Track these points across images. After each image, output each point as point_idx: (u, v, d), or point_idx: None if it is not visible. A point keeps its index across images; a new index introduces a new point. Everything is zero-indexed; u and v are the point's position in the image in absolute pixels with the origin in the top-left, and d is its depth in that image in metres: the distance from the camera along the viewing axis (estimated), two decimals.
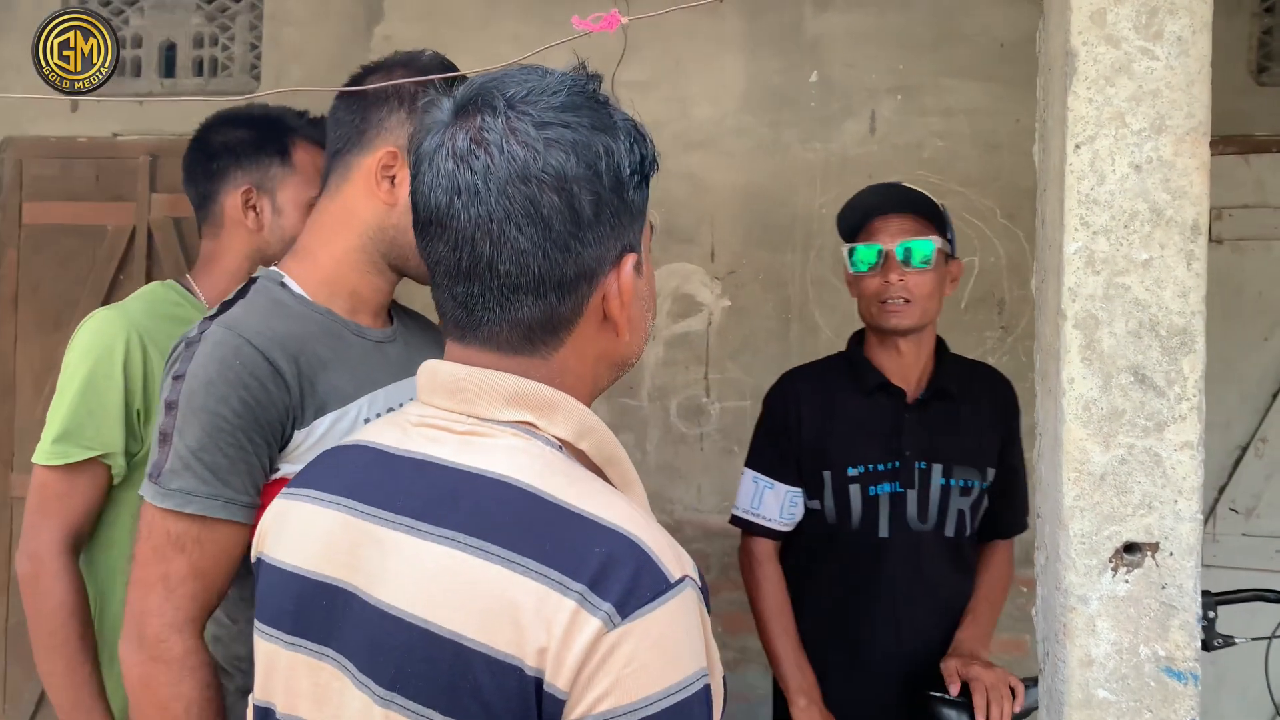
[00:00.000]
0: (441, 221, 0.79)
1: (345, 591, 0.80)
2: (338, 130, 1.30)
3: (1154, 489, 1.16)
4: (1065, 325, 1.17)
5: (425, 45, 3.18)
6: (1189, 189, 1.15)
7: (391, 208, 1.27)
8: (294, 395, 1.19)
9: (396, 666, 0.74)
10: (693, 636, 0.72)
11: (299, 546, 0.85)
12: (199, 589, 1.15)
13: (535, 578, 0.70)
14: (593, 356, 0.84)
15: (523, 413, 0.79)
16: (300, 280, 1.28)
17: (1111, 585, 1.17)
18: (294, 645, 0.83)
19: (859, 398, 1.90)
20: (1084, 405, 1.17)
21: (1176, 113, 1.15)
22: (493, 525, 0.73)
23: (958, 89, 2.93)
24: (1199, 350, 1.16)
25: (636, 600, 0.69)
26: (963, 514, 1.88)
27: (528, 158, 0.76)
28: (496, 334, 0.81)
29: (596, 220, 0.79)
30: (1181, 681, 1.16)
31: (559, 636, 0.68)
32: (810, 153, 3.00)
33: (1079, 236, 1.17)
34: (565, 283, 0.79)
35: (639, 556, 0.71)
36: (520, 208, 0.76)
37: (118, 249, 3.34)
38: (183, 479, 1.13)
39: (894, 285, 1.82)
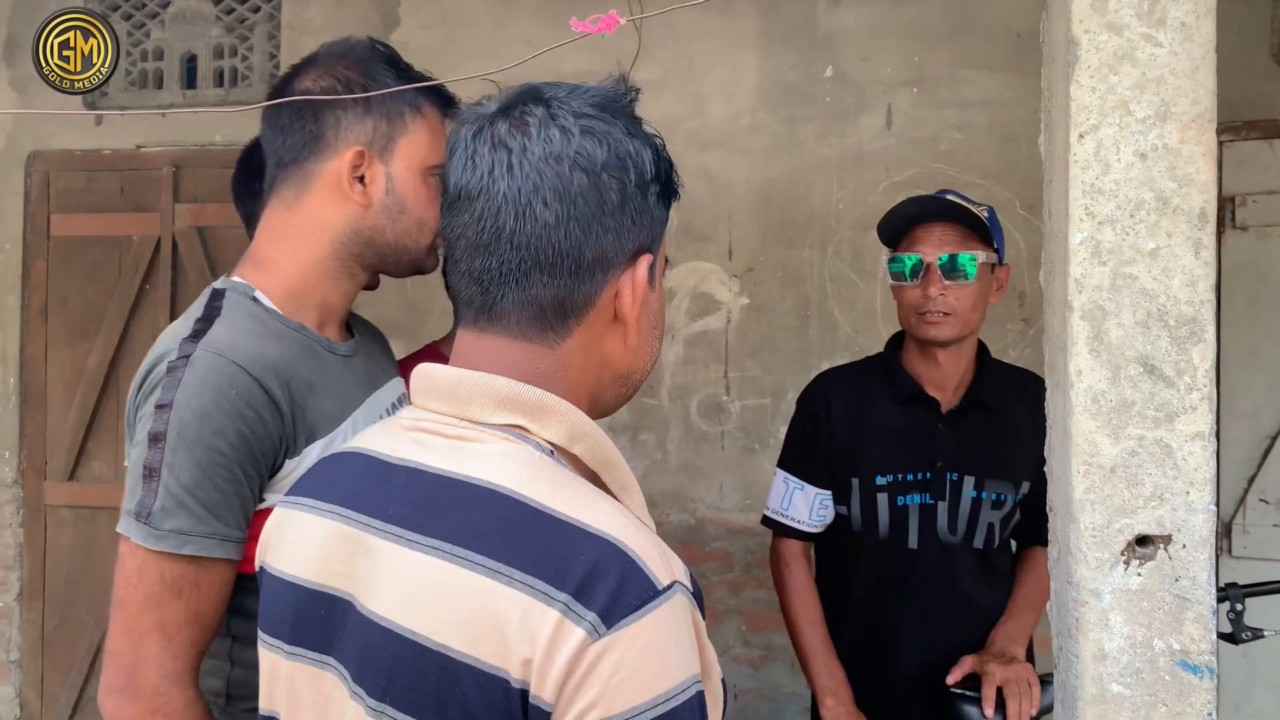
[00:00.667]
0: (470, 196, 0.81)
1: (343, 601, 0.80)
2: (286, 138, 1.22)
3: (1165, 480, 1.15)
4: (1072, 317, 1.16)
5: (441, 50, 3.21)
6: (1195, 176, 1.14)
7: (367, 209, 1.22)
8: (287, 424, 1.13)
9: (387, 678, 0.74)
10: (683, 643, 0.71)
11: (297, 555, 0.85)
12: (197, 634, 1.09)
13: (520, 588, 0.69)
14: (598, 357, 0.84)
15: (514, 416, 0.79)
16: (268, 292, 1.20)
17: (1124, 579, 1.15)
18: (295, 655, 0.83)
19: (893, 406, 1.87)
20: (1092, 397, 1.16)
21: (1181, 99, 1.14)
22: (478, 534, 0.73)
23: (974, 80, 2.91)
24: (1209, 339, 1.14)
25: (623, 609, 0.68)
26: (993, 526, 1.86)
27: (563, 140, 0.79)
28: (509, 314, 0.81)
29: (620, 209, 0.81)
30: (1197, 675, 1.14)
31: (543, 647, 0.68)
32: (826, 148, 2.99)
33: (1084, 227, 1.16)
34: (581, 265, 0.80)
35: (625, 564, 0.70)
36: (550, 184, 0.79)
37: (143, 259, 3.40)
38: (177, 518, 1.06)
39: (934, 298, 1.78)
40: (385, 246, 1.24)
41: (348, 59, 1.23)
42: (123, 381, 3.45)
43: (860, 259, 2.96)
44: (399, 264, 1.28)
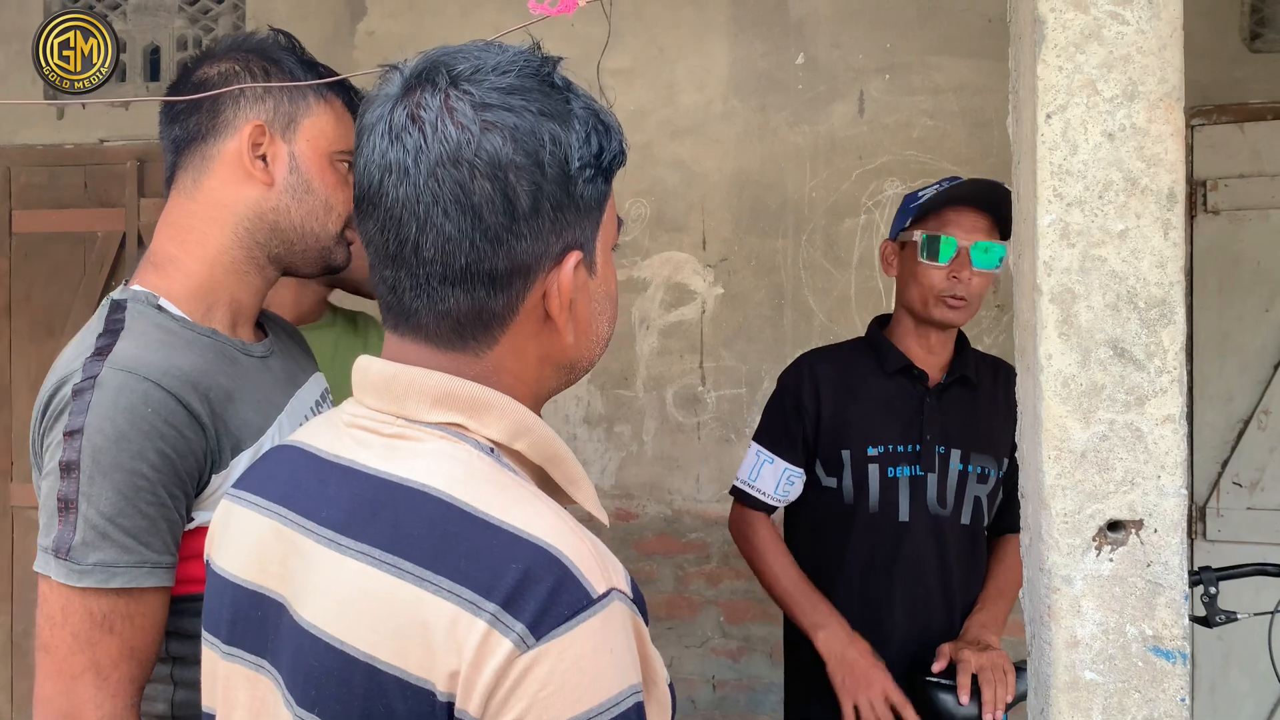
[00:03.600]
0: (373, 200, 0.75)
1: (276, 603, 0.77)
2: (182, 123, 1.17)
3: (1136, 465, 1.13)
4: (1041, 300, 1.15)
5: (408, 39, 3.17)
6: (1164, 156, 1.12)
7: (270, 188, 1.16)
8: (210, 437, 1.07)
9: (316, 688, 0.71)
10: (619, 653, 0.67)
11: (237, 553, 0.82)
12: (134, 669, 1.03)
13: (448, 597, 0.66)
14: (534, 357, 0.79)
15: (452, 414, 0.75)
16: (173, 297, 1.13)
17: (1096, 565, 1.14)
18: (231, 655, 0.81)
19: (881, 379, 1.89)
20: (1062, 381, 1.14)
21: (1149, 78, 1.12)
22: (409, 541, 0.69)
23: (945, 66, 2.90)
24: (1178, 322, 1.13)
25: (553, 619, 0.65)
26: (979, 501, 1.87)
27: (461, 140, 0.72)
28: (426, 325, 0.76)
29: (534, 213, 0.73)
30: (1170, 661, 1.13)
31: (469, 659, 0.65)
32: (799, 136, 2.97)
33: (1053, 208, 1.14)
34: (496, 277, 0.74)
35: (558, 572, 0.66)
36: (449, 192, 0.72)
37: (108, 255, 3.34)
38: (101, 551, 1.00)
39: (963, 282, 1.79)
40: (291, 231, 1.19)
41: (244, 47, 1.20)
42: None
43: (834, 247, 2.94)
44: (307, 254, 1.22)
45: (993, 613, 1.90)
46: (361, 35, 3.16)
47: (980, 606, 1.90)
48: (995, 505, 1.92)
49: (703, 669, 2.93)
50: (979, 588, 1.92)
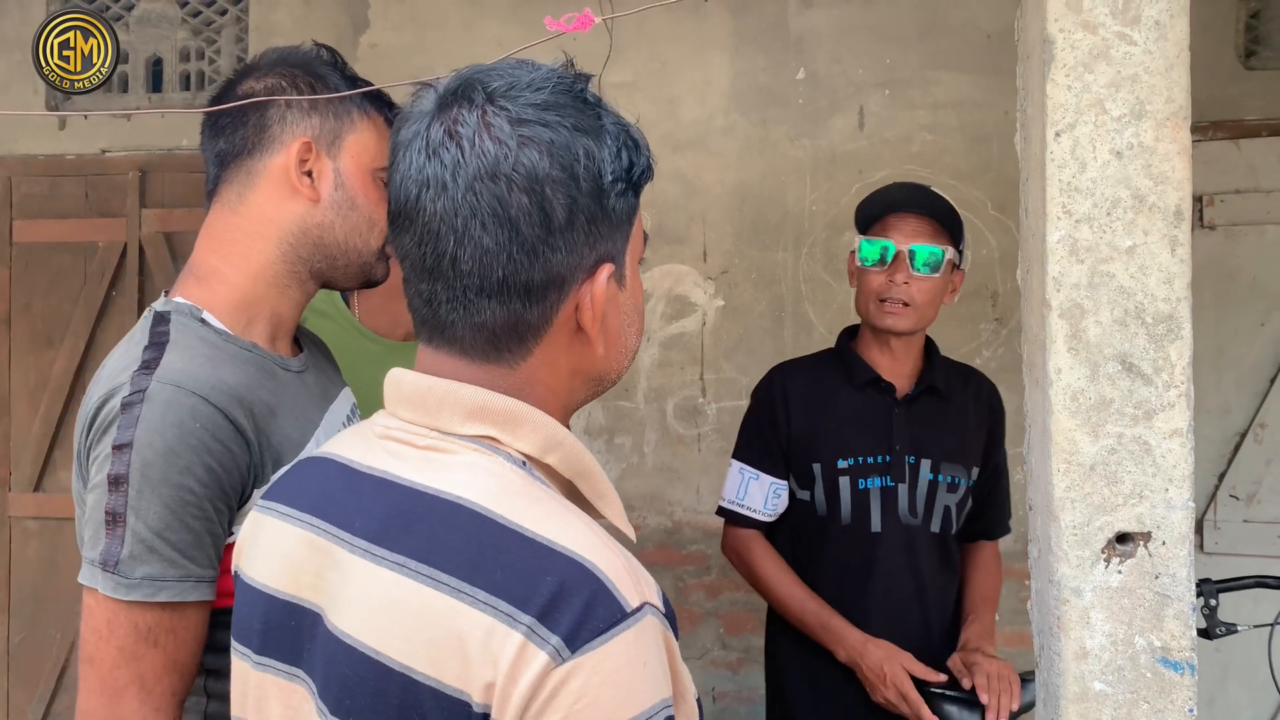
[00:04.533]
0: (410, 214, 0.76)
1: (312, 613, 0.78)
2: (228, 137, 1.18)
3: (1144, 478, 1.15)
4: (1050, 315, 1.16)
5: (410, 52, 3.18)
6: (1171, 174, 1.14)
7: (315, 204, 1.18)
8: (254, 453, 1.08)
9: (351, 697, 0.72)
10: (652, 667, 0.68)
11: (268, 564, 0.82)
12: (177, 683, 1.04)
13: (483, 609, 0.67)
14: (566, 369, 0.80)
15: (485, 427, 0.76)
16: (215, 310, 1.14)
17: (1105, 576, 1.15)
18: (263, 665, 0.81)
19: (850, 391, 1.90)
20: (1072, 395, 1.16)
21: (1156, 98, 1.14)
22: (444, 552, 0.70)
23: (945, 81, 2.92)
24: (1186, 337, 1.15)
25: (589, 632, 0.66)
26: (949, 510, 1.88)
27: (499, 154, 0.73)
28: (462, 337, 0.77)
29: (569, 226, 0.75)
30: (1178, 672, 1.14)
31: (505, 671, 0.65)
32: (799, 150, 2.99)
33: (1062, 225, 1.16)
34: (532, 289, 0.76)
35: (593, 585, 0.67)
36: (487, 206, 0.73)
37: (109, 266, 3.34)
38: (148, 565, 1.01)
39: (898, 286, 1.80)
40: (334, 247, 1.20)
41: (290, 61, 1.21)
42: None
43: (834, 260, 2.96)
44: (348, 269, 1.23)
45: (985, 623, 1.92)
46: (364, 48, 3.18)
47: (972, 618, 1.92)
48: (965, 513, 1.93)
49: (703, 680, 2.93)
50: (952, 595, 1.94)
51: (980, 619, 1.92)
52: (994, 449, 1.98)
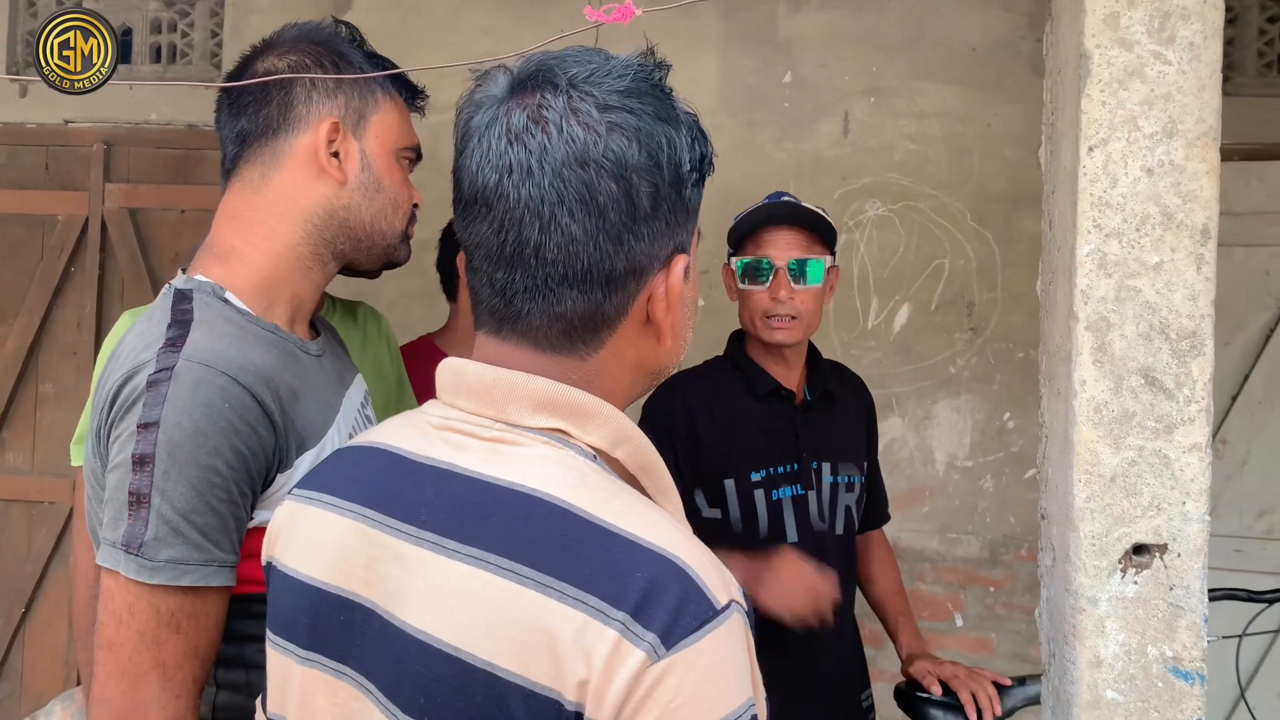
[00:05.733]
0: (488, 201, 0.74)
1: (363, 608, 0.75)
2: (250, 116, 1.15)
3: (1163, 491, 1.17)
4: (1077, 327, 1.18)
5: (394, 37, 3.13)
6: (1199, 193, 1.16)
7: (343, 185, 1.16)
8: (280, 435, 1.06)
9: (425, 695, 0.70)
10: (740, 665, 0.68)
11: (312, 555, 0.80)
12: (197, 670, 1.01)
13: (573, 604, 0.66)
14: (631, 361, 0.79)
15: (555, 420, 0.74)
16: (236, 290, 1.12)
17: (1120, 586, 1.17)
18: (309, 661, 0.79)
19: (752, 403, 1.87)
20: (1095, 407, 1.17)
21: (1188, 117, 1.16)
22: (525, 546, 0.69)
23: (929, 92, 2.95)
24: (1208, 353, 1.17)
25: (682, 630, 0.65)
26: (849, 510, 1.90)
27: (588, 140, 0.72)
28: (536, 328, 0.75)
29: (653, 214, 0.74)
30: (1189, 682, 1.17)
31: (600, 669, 0.64)
32: (784, 153, 3.00)
33: (1091, 239, 1.17)
34: (614, 278, 0.74)
35: (684, 582, 0.66)
36: (575, 193, 0.72)
37: (69, 240, 3.23)
38: (173, 548, 0.98)
39: (783, 302, 1.79)
40: (359, 229, 1.18)
41: (312, 38, 1.19)
42: (43, 368, 3.28)
43: None
44: (372, 250, 1.22)
45: (915, 627, 1.97)
46: None
47: (903, 620, 1.97)
48: (860, 510, 1.95)
49: None
50: (853, 594, 1.96)
51: (910, 621, 1.97)
52: (872, 442, 2.03)
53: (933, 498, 2.96)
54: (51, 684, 3.19)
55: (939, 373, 2.96)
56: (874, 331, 2.98)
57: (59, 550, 3.21)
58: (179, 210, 3.21)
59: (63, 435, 3.22)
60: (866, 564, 2.03)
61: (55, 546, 3.21)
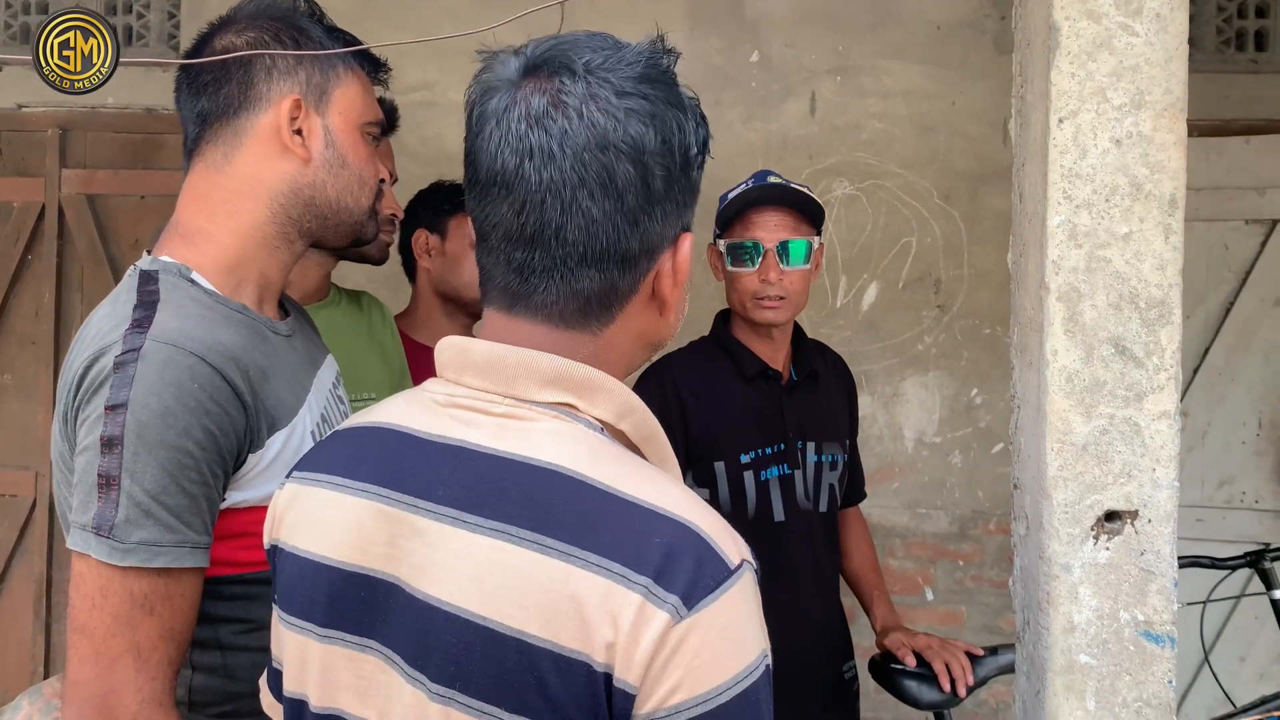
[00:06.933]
0: (508, 183, 0.77)
1: (386, 583, 0.78)
2: (210, 95, 1.14)
3: (1133, 458, 1.19)
4: (1049, 298, 1.19)
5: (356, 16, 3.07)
6: (1167, 163, 1.18)
7: (306, 163, 1.15)
8: (251, 416, 1.06)
9: (456, 664, 0.73)
10: (754, 620, 0.73)
11: (326, 535, 0.81)
12: (173, 652, 1.01)
13: (597, 571, 0.69)
14: (635, 333, 0.83)
15: (564, 394, 0.78)
16: (203, 270, 1.11)
17: (1093, 553, 1.19)
18: (329, 638, 0.81)
19: (740, 384, 1.89)
20: (1067, 377, 1.19)
21: (1155, 88, 1.17)
22: (546, 517, 0.72)
23: (895, 71, 2.96)
24: (1176, 322, 1.19)
25: (701, 590, 0.69)
26: (833, 489, 1.93)
27: (608, 126, 0.75)
28: (550, 304, 0.79)
29: (665, 196, 0.78)
30: (1159, 645, 1.19)
31: (626, 631, 0.68)
32: (751, 133, 3.00)
33: (1062, 210, 1.18)
34: (629, 257, 0.78)
35: (700, 546, 0.71)
36: (595, 176, 0.75)
37: (25, 228, 3.16)
38: (145, 529, 0.98)
39: (773, 283, 1.81)
40: (326, 206, 1.18)
41: (270, 14, 1.18)
42: (1, 359, 3.22)
43: None
44: (339, 229, 1.21)
45: (889, 601, 2.01)
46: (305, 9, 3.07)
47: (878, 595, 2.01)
48: (843, 488, 1.98)
49: None
50: (838, 570, 2.01)
51: (885, 595, 2.01)
52: (854, 421, 2.06)
53: (902, 474, 2.99)
54: (19, 678, 3.15)
55: (907, 350, 2.98)
56: (843, 310, 3.00)
57: (22, 544, 3.16)
58: (139, 196, 3.15)
59: (23, 427, 3.17)
60: (843, 540, 2.06)
61: (18, 540, 3.16)
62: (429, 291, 2.09)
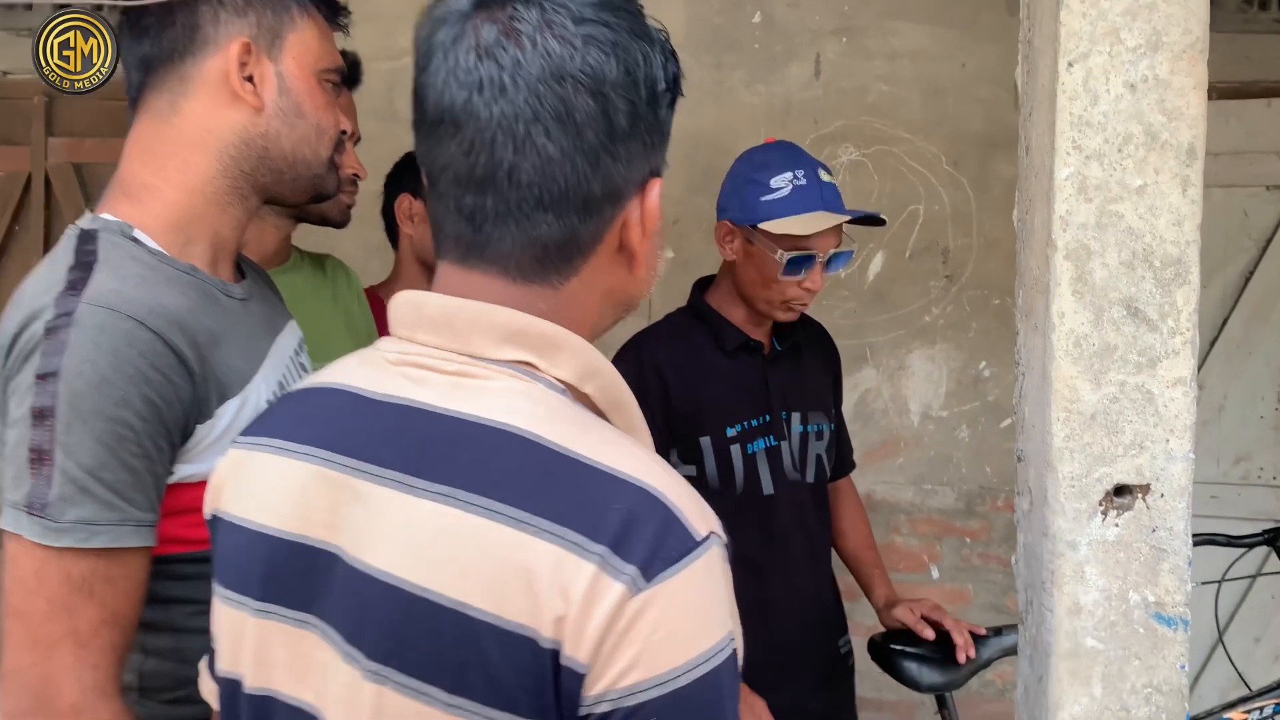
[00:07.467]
0: (456, 120, 0.71)
1: (326, 553, 0.73)
2: (154, 39, 1.07)
3: (1145, 428, 1.11)
4: (1055, 256, 1.10)
5: None
6: (1185, 110, 1.09)
7: (258, 112, 1.08)
8: (198, 384, 0.99)
9: (392, 637, 0.68)
10: (720, 597, 0.67)
11: (266, 503, 0.76)
12: (115, 637, 0.95)
13: (549, 539, 0.64)
14: (602, 290, 0.77)
15: (522, 351, 0.72)
16: (148, 229, 1.04)
17: (1101, 530, 1.11)
18: (265, 613, 0.75)
19: (722, 357, 1.84)
20: (1074, 341, 1.11)
21: (1173, 28, 1.08)
22: (497, 480, 0.67)
23: (902, 32, 2.86)
24: (1193, 282, 1.10)
25: (662, 561, 0.64)
26: (820, 459, 1.89)
27: (564, 54, 0.69)
28: (506, 254, 0.73)
29: (630, 134, 0.72)
30: (1171, 627, 1.11)
31: (578, 603, 0.63)
32: (755, 96, 2.90)
33: (1071, 161, 1.10)
34: (591, 201, 0.72)
35: (663, 513, 0.65)
36: (551, 109, 0.69)
37: (11, 197, 3.10)
38: (81, 507, 0.92)
39: (811, 291, 1.77)
40: (281, 159, 1.10)
41: None
42: None
43: None
44: (296, 182, 1.14)
45: (888, 578, 1.98)
46: None
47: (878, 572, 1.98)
48: (831, 459, 1.94)
49: None
50: (830, 543, 1.97)
51: (883, 573, 1.98)
52: (838, 392, 2.02)
53: (908, 449, 2.92)
54: None
55: (914, 321, 2.90)
56: (847, 280, 2.91)
57: None
58: None
59: None
60: (837, 518, 2.02)
61: None
62: (411, 259, 2.02)
